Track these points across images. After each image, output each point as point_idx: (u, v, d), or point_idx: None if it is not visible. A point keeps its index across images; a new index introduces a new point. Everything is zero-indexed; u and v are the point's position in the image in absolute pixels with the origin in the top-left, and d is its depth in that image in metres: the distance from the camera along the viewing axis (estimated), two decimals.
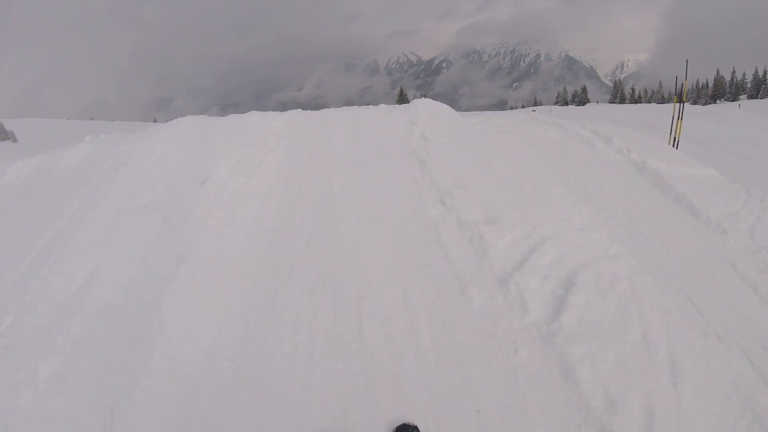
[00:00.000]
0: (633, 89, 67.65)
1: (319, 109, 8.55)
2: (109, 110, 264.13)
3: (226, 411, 2.33)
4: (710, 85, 59.37)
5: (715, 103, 54.44)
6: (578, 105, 61.50)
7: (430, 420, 2.24)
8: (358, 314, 2.90)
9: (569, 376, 2.37)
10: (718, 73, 58.80)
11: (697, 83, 59.74)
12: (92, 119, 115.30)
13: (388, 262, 3.39)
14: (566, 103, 64.99)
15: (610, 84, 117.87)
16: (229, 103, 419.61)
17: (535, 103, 70.50)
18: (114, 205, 3.96)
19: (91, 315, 2.66)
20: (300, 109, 8.08)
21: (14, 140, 69.84)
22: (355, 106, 9.19)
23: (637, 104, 55.03)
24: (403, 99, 48.21)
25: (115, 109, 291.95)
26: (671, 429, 2.08)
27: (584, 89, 67.08)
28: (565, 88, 70.95)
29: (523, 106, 69.03)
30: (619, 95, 65.83)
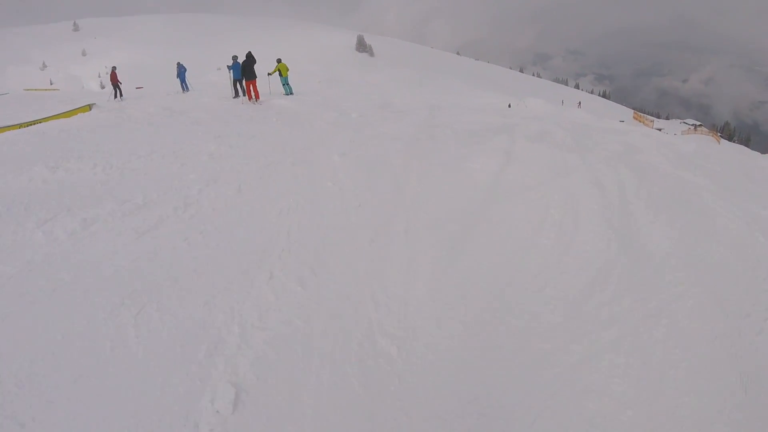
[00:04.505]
0: None
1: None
2: (481, 50, 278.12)
3: None
4: None
5: None
6: None
7: None
8: None
9: None
10: None
11: None
12: (457, 53, 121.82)
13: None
14: None
15: None
16: (605, 75, 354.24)
17: None
18: None
19: None
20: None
21: (371, 54, 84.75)
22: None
23: None
24: None
25: (488, 51, 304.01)
26: None
27: None
28: None
29: None
30: None
